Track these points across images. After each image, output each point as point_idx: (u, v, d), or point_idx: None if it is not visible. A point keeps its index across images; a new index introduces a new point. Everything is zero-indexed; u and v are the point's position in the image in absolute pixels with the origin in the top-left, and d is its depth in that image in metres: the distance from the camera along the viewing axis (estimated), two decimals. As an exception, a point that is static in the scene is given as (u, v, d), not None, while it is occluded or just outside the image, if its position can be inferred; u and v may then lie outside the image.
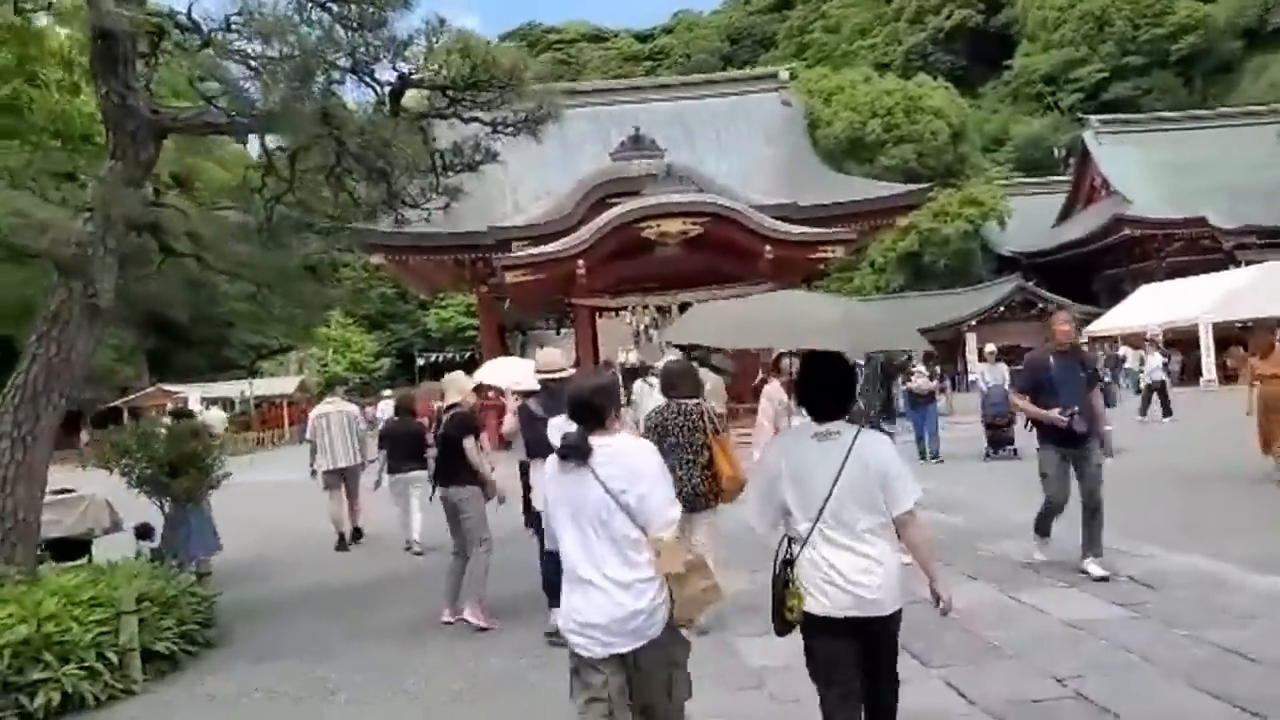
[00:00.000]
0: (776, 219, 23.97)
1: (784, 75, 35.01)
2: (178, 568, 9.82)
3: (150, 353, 59.13)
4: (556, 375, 7.11)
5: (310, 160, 8.47)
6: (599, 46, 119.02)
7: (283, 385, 52.49)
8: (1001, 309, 47.64)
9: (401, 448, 11.83)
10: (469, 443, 7.93)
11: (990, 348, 18.39)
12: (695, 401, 6.90)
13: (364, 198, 8.80)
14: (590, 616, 3.83)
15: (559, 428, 4.41)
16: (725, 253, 23.70)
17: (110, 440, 9.12)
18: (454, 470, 7.98)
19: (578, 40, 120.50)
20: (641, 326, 24.54)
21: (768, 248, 22.85)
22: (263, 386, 52.44)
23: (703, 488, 6.83)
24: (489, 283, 28.88)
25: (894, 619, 3.94)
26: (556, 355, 7.67)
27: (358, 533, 13.07)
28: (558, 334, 33.15)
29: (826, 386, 4.05)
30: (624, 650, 3.82)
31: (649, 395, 11.94)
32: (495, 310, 31.40)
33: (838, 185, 30.64)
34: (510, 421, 7.91)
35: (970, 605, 7.20)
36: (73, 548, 10.42)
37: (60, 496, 10.23)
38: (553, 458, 4.02)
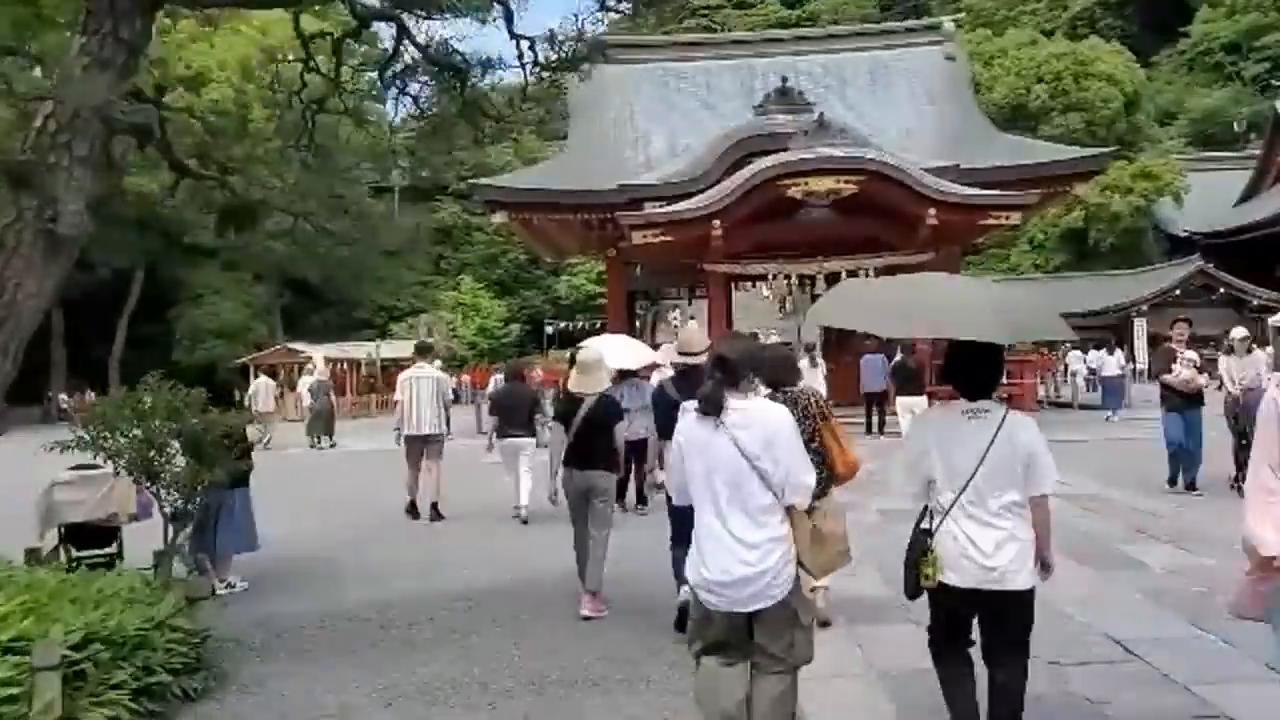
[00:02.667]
0: (939, 181, 21.13)
1: (948, 27, 31.61)
2: (199, 574, 8.08)
3: (285, 311, 59.19)
4: (693, 359, 6.80)
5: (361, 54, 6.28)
6: (744, 12, 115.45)
7: (410, 348, 51.52)
8: (1177, 293, 43.61)
9: (512, 414, 11.91)
10: (619, 429, 7.72)
11: (1240, 333, 12.52)
12: (799, 387, 6.36)
13: (435, 108, 6.57)
14: (715, 574, 3.94)
15: (685, 411, 4.30)
16: (881, 216, 20.99)
17: (95, 410, 7.09)
18: (595, 454, 7.60)
19: (723, 6, 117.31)
20: (783, 297, 22.08)
21: (932, 211, 20.02)
22: (389, 349, 51.51)
23: (820, 475, 5.73)
24: (618, 246, 26.67)
25: (1025, 596, 4.09)
26: (699, 335, 7.42)
27: (435, 509, 12.33)
28: (689, 304, 30.79)
29: (977, 366, 4.21)
30: (746, 610, 3.93)
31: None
32: (624, 276, 29.16)
33: (1005, 148, 27.36)
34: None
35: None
36: (97, 535, 8.66)
37: (82, 473, 8.42)
38: (690, 415, 4.11)
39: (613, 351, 13.27)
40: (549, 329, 58.21)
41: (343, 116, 7.06)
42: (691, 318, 30.29)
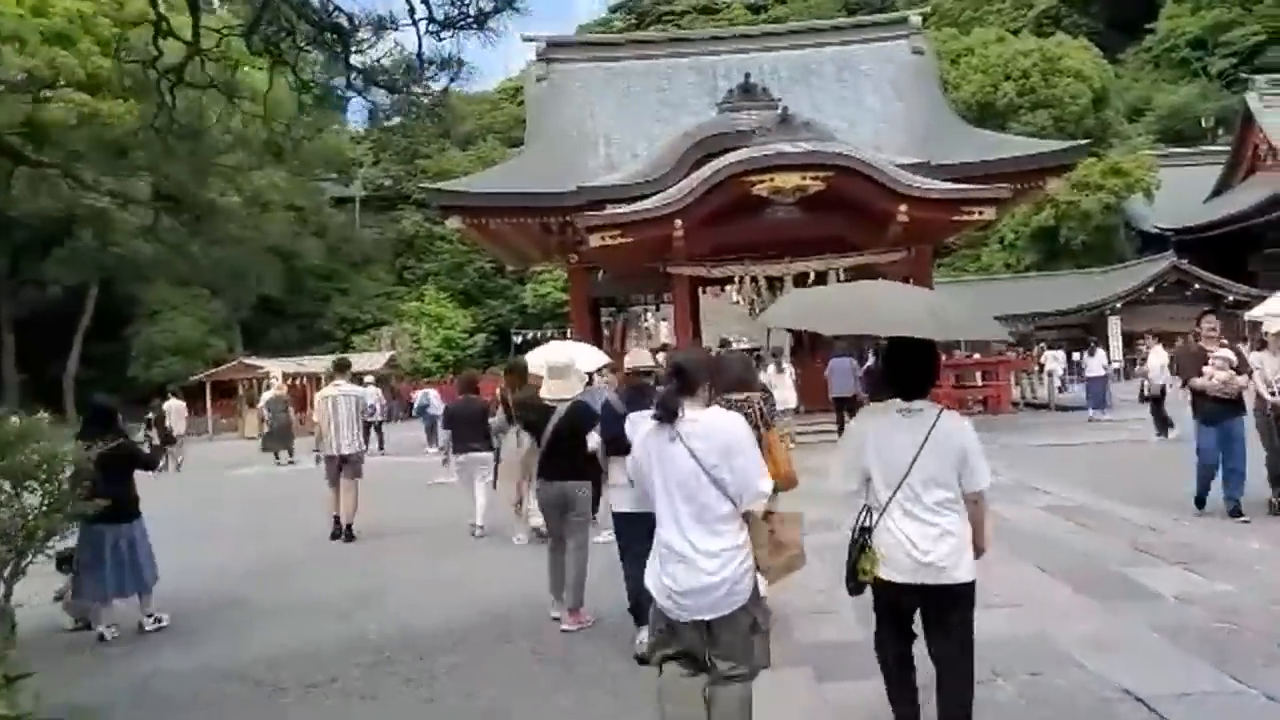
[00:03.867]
0: (909, 177, 20.20)
1: (915, 20, 30.72)
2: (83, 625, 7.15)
3: (244, 326, 57.88)
4: (643, 369, 7.06)
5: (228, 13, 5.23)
6: (710, 18, 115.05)
7: (370, 361, 49.98)
8: (1151, 290, 43.01)
9: (467, 428, 11.78)
10: (593, 437, 7.28)
11: (1278, 325, 10.20)
12: (744, 396, 6.26)
13: (318, 75, 5.53)
14: (675, 583, 3.98)
15: (637, 423, 4.53)
16: (850, 214, 20.01)
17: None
18: (569, 463, 7.41)
19: (688, 12, 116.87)
20: (751, 300, 21.11)
21: (903, 208, 19.04)
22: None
23: None
24: (579, 251, 25.64)
25: (964, 589, 4.16)
26: (645, 354, 7.60)
27: (349, 531, 11.96)
28: (657, 310, 29.78)
29: (912, 366, 4.29)
30: (706, 618, 3.96)
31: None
32: (587, 283, 28.09)
33: (977, 143, 26.44)
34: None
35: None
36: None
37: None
38: (648, 424, 4.16)
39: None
40: (516, 339, 56.99)
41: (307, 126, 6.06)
42: (664, 319, 29.29)
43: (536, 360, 10.45)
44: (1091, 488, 12.04)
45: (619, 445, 6.30)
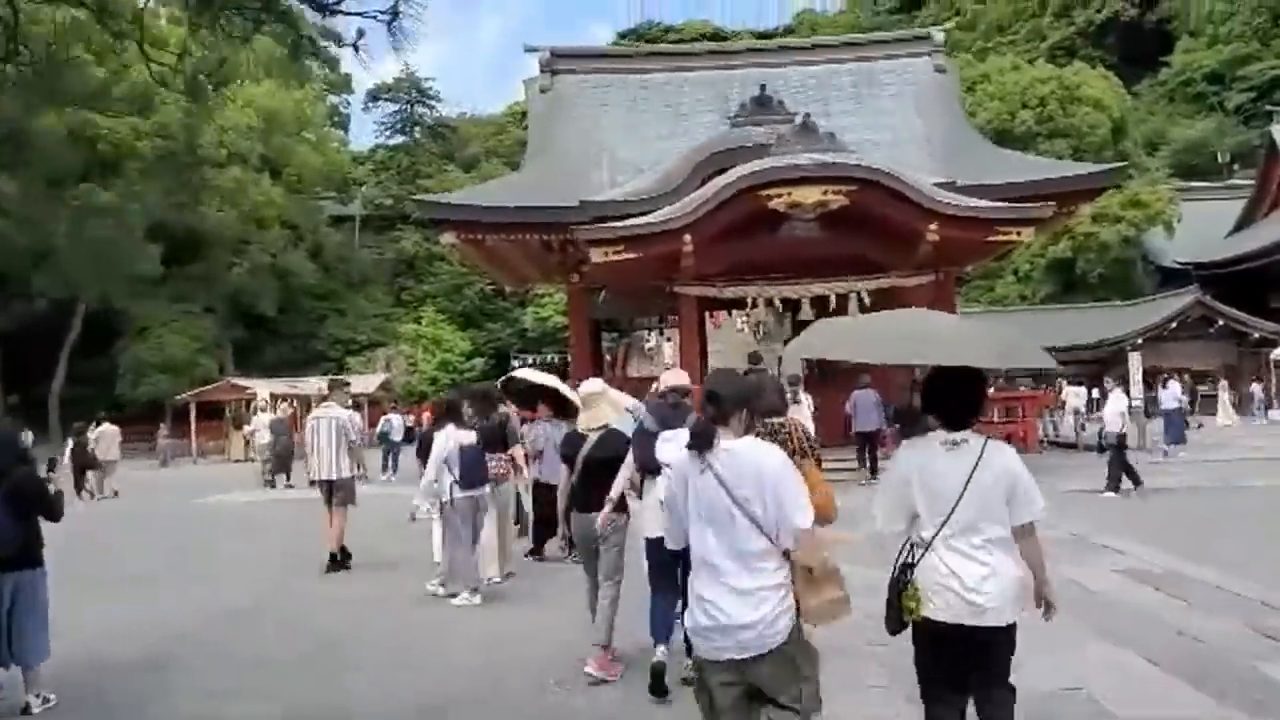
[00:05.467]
0: (937, 197, 18.75)
1: (938, 37, 29.34)
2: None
3: (236, 345, 56.46)
4: (679, 386, 6.88)
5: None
6: (719, 46, 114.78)
7: (363, 384, 48.24)
8: (1174, 325, 41.49)
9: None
10: (624, 469, 6.94)
11: None
12: (782, 420, 5.61)
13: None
14: (706, 619, 3.74)
15: (666, 440, 4.71)
16: (875, 232, 18.55)
17: None
18: (600, 494, 6.99)
19: (697, 39, 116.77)
20: (758, 322, 19.61)
21: (933, 226, 17.54)
22: (342, 384, 48.49)
23: None
24: (581, 271, 24.22)
25: (1008, 630, 3.95)
26: (682, 374, 7.44)
27: (346, 554, 11.82)
28: (661, 333, 28.31)
29: (959, 395, 4.09)
30: (740, 657, 3.69)
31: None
32: (588, 305, 26.59)
33: (1003, 163, 25.09)
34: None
35: None
36: None
37: None
38: (681, 454, 3.96)
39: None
40: (516, 363, 55.50)
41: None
42: (669, 341, 27.82)
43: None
44: (1160, 544, 10.47)
45: (650, 466, 6.39)
